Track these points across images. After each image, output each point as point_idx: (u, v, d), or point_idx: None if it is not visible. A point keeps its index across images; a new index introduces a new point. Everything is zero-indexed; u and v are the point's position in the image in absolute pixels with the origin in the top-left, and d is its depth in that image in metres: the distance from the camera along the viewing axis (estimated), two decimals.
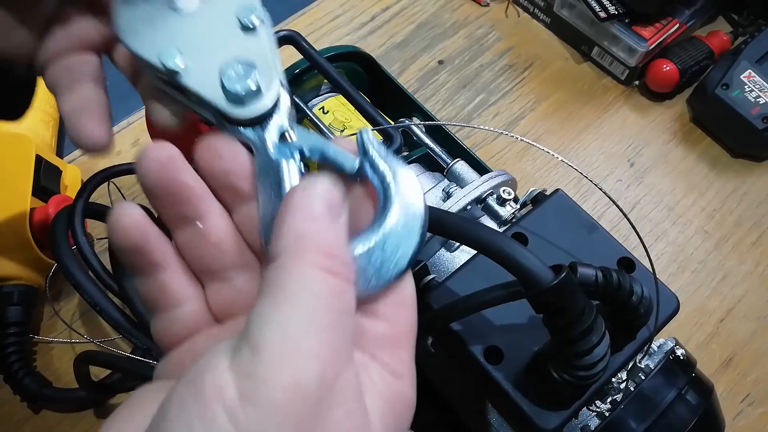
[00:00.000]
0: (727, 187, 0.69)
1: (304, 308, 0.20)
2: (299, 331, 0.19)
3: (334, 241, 0.22)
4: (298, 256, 0.21)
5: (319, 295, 0.20)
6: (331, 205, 0.22)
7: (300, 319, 0.20)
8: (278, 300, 0.20)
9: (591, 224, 0.41)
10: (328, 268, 0.21)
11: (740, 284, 0.63)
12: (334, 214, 0.22)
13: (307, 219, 0.22)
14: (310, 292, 0.20)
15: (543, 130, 0.72)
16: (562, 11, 0.75)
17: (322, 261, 0.21)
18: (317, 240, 0.21)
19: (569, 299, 0.29)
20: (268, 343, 0.19)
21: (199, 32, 0.27)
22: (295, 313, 0.20)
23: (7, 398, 0.55)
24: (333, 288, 0.21)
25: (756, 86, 0.67)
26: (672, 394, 0.39)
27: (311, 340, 0.19)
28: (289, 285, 0.20)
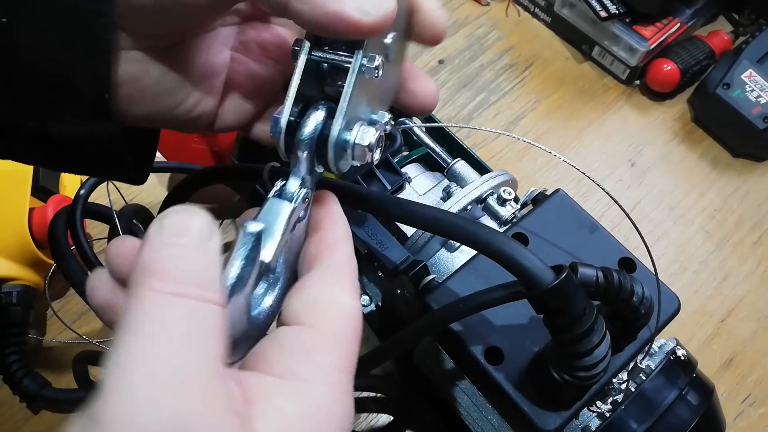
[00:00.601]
0: (728, 187, 0.69)
1: (143, 341, 0.18)
2: (138, 367, 0.18)
3: (183, 263, 0.20)
4: (140, 285, 0.19)
5: (163, 321, 0.19)
6: (190, 233, 0.21)
7: (140, 352, 0.18)
8: (121, 334, 0.18)
9: (592, 224, 0.41)
10: (171, 291, 0.19)
11: (741, 284, 0.63)
12: (195, 240, 0.21)
13: (153, 249, 0.20)
14: (152, 320, 0.19)
15: (543, 130, 0.72)
16: (563, 10, 0.75)
17: (163, 285, 0.19)
18: (160, 266, 0.20)
19: (570, 300, 0.28)
20: (107, 382, 0.17)
21: None
22: (136, 347, 0.18)
23: (6, 399, 0.55)
24: (181, 312, 0.19)
25: (757, 86, 0.67)
26: (673, 395, 0.39)
27: (152, 374, 0.18)
28: (130, 316, 0.19)
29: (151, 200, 0.65)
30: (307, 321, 0.23)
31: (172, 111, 0.29)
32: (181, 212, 0.21)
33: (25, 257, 0.55)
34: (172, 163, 0.59)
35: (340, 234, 0.26)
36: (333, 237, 0.26)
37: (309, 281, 0.25)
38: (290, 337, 0.23)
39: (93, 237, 0.62)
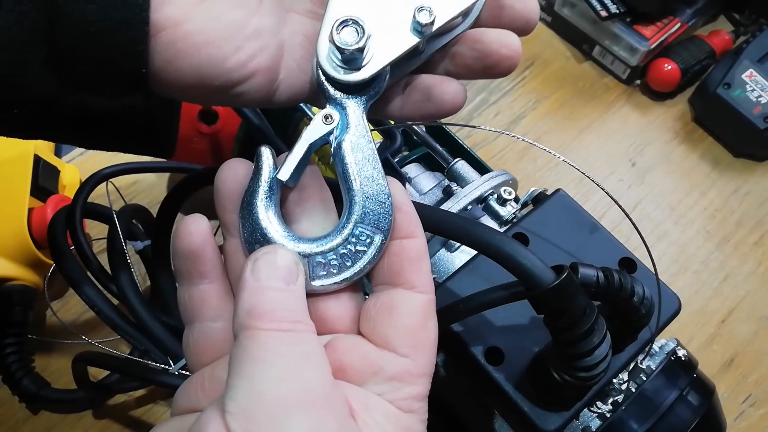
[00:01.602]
0: (728, 187, 0.69)
1: (265, 366, 0.22)
2: (267, 388, 0.21)
3: (283, 305, 0.23)
4: (250, 327, 0.23)
5: (277, 351, 0.22)
6: (279, 273, 0.24)
7: (265, 375, 0.22)
8: (242, 366, 0.22)
9: (592, 224, 0.41)
10: (279, 328, 0.23)
11: (742, 285, 0.63)
12: (285, 281, 0.24)
13: (255, 293, 0.24)
14: (268, 351, 0.22)
15: (544, 130, 0.72)
16: (563, 10, 0.75)
17: (272, 325, 0.23)
18: (265, 309, 0.23)
19: (570, 300, 0.28)
20: (243, 403, 0.21)
21: None
22: (260, 371, 0.22)
23: (5, 399, 0.55)
24: (289, 340, 0.23)
25: (758, 86, 0.67)
26: (673, 395, 0.38)
27: (280, 391, 0.21)
28: (249, 353, 0.22)
29: (151, 200, 0.65)
30: (405, 353, 0.25)
31: (220, 65, 0.25)
32: (270, 254, 0.25)
33: (25, 257, 0.55)
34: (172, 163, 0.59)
35: (423, 245, 0.27)
36: (417, 248, 0.27)
37: (403, 304, 0.26)
38: (390, 366, 0.25)
39: (92, 237, 0.62)
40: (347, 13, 0.26)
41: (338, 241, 0.26)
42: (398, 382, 0.24)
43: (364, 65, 0.27)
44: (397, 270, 0.26)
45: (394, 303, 0.26)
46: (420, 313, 0.26)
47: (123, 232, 0.47)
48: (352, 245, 0.26)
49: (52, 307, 0.59)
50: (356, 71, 0.27)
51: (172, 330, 0.45)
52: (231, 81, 0.26)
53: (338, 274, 0.26)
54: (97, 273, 0.50)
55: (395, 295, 0.26)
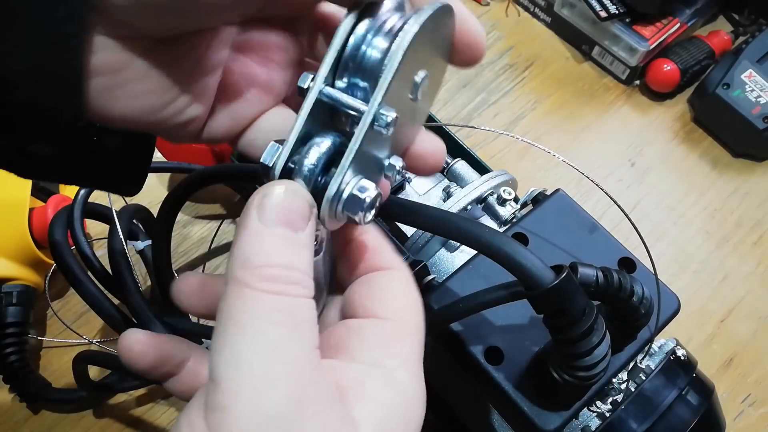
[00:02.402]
0: (728, 187, 0.69)
1: (253, 334, 0.20)
2: (253, 358, 0.20)
3: (282, 258, 0.21)
4: (240, 283, 0.21)
5: (265, 317, 0.20)
6: (287, 218, 0.22)
7: (251, 344, 0.20)
8: (228, 330, 0.20)
9: (592, 224, 0.41)
10: (271, 290, 0.21)
11: (741, 284, 0.63)
12: (292, 227, 0.22)
13: (255, 239, 0.21)
14: (255, 317, 0.20)
15: (543, 130, 0.72)
16: (563, 10, 0.75)
17: (265, 285, 0.21)
18: (261, 261, 0.21)
19: (570, 299, 0.28)
20: (225, 374, 0.20)
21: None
22: (245, 340, 0.20)
23: (5, 399, 0.55)
24: (279, 306, 0.21)
25: (757, 86, 0.67)
26: (673, 395, 0.39)
27: (266, 364, 0.20)
28: (234, 313, 0.21)
29: (151, 200, 0.65)
30: (386, 315, 0.24)
31: (157, 113, 0.25)
32: (282, 190, 0.22)
33: (25, 257, 0.55)
34: (172, 163, 0.59)
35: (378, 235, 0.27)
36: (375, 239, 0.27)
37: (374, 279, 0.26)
38: (373, 330, 0.24)
39: (93, 237, 0.62)
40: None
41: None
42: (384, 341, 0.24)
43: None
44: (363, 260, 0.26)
45: (366, 280, 0.26)
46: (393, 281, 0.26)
47: (123, 231, 0.48)
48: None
49: (53, 307, 0.59)
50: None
51: (172, 330, 0.45)
52: (166, 126, 0.25)
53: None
54: (98, 273, 0.50)
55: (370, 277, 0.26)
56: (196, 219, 0.65)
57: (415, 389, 0.23)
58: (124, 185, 0.30)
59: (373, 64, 0.24)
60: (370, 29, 0.24)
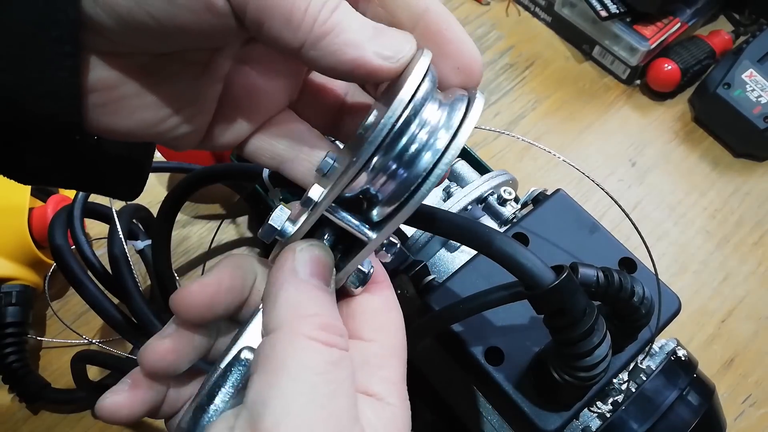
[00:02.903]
0: (728, 187, 0.69)
1: (303, 385, 0.20)
2: (301, 409, 0.20)
3: (327, 310, 0.22)
4: (293, 330, 0.21)
5: (317, 369, 0.20)
6: (322, 272, 0.23)
7: (301, 396, 0.20)
8: (278, 378, 0.20)
9: (592, 224, 0.41)
10: (324, 341, 0.21)
11: (742, 285, 0.63)
12: (325, 282, 0.23)
13: (300, 289, 0.22)
14: (308, 368, 0.20)
15: (544, 130, 0.72)
16: (563, 10, 0.75)
17: (317, 334, 0.21)
18: (312, 311, 0.21)
19: (570, 300, 0.28)
20: (271, 423, 0.19)
21: None
22: (295, 390, 0.20)
23: (5, 399, 0.55)
24: (330, 359, 0.21)
25: (757, 86, 0.67)
26: (673, 395, 0.38)
27: (314, 416, 0.20)
28: (287, 361, 0.20)
29: (151, 200, 0.65)
30: (369, 336, 0.24)
31: (154, 127, 0.25)
32: (311, 248, 0.23)
33: (25, 257, 0.55)
34: (172, 163, 0.59)
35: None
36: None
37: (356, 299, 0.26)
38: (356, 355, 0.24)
39: (93, 236, 0.62)
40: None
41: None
42: (369, 366, 0.24)
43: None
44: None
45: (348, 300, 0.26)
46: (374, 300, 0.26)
47: (123, 231, 0.47)
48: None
49: (53, 307, 0.59)
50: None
51: None
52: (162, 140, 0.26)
53: None
54: (98, 273, 0.50)
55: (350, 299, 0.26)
56: (195, 219, 0.65)
57: (403, 412, 0.24)
58: (123, 190, 0.30)
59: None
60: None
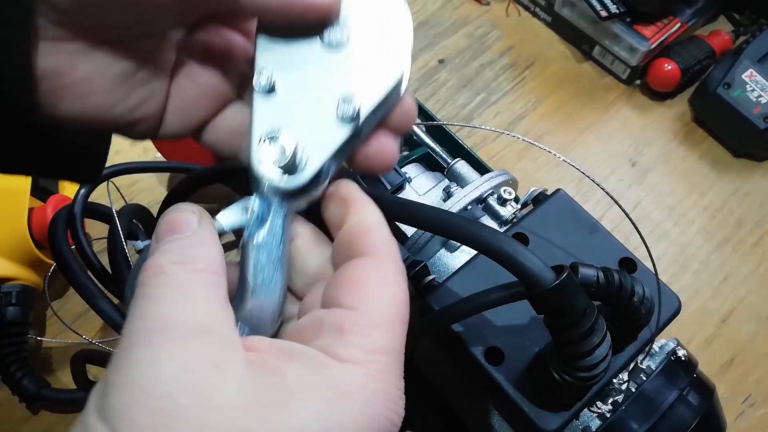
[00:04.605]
0: (728, 187, 0.69)
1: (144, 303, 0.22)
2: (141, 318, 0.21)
3: (169, 254, 0.23)
4: (137, 288, 0.23)
5: (151, 293, 0.22)
6: (173, 227, 0.25)
7: (140, 310, 0.22)
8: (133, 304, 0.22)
9: (592, 224, 0.41)
10: (157, 273, 0.23)
11: (742, 285, 0.63)
12: (180, 232, 0.24)
13: (158, 244, 0.24)
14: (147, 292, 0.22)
15: (544, 130, 0.72)
16: (563, 10, 0.75)
17: (150, 271, 0.23)
18: (152, 263, 0.23)
19: (570, 300, 0.28)
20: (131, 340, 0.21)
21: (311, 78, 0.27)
22: (131, 319, 0.21)
23: (5, 399, 0.55)
24: (163, 282, 0.22)
25: (758, 86, 0.67)
26: (673, 395, 0.38)
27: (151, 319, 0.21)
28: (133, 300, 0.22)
29: (151, 200, 0.65)
30: (352, 304, 0.23)
31: (106, 112, 0.26)
32: (165, 213, 0.25)
33: (25, 257, 0.55)
34: (172, 163, 0.59)
35: (372, 218, 0.26)
36: (366, 222, 0.26)
37: (348, 267, 0.25)
38: (330, 318, 0.23)
39: (93, 237, 0.62)
40: (273, 119, 0.26)
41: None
42: (341, 333, 0.22)
43: (297, 172, 0.26)
44: (350, 245, 0.26)
45: (344, 268, 0.25)
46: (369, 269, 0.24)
47: (123, 231, 0.47)
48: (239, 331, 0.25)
49: (53, 307, 0.59)
50: (288, 177, 0.26)
51: None
52: (118, 124, 0.27)
53: None
54: (98, 272, 0.50)
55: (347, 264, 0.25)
56: None
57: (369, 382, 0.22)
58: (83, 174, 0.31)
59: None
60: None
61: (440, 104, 0.73)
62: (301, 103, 0.27)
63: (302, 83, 0.27)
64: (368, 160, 0.28)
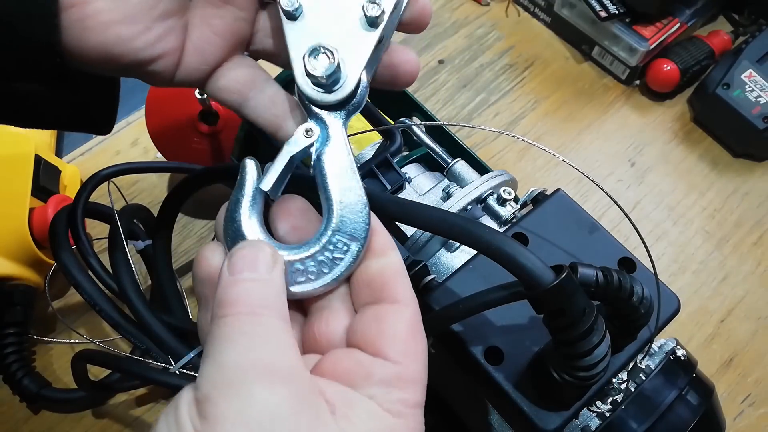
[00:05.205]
0: (727, 187, 0.69)
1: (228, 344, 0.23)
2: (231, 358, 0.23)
3: (251, 294, 0.24)
4: (216, 318, 0.24)
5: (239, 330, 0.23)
6: (253, 266, 0.25)
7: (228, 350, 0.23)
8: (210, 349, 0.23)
9: (592, 224, 0.41)
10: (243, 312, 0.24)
11: (741, 284, 0.63)
12: (259, 272, 0.25)
13: (227, 287, 0.25)
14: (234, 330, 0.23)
15: (543, 130, 0.72)
16: (563, 10, 0.75)
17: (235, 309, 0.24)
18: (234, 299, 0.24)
19: (570, 300, 0.28)
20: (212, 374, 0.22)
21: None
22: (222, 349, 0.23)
23: (6, 398, 0.55)
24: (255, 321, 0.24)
25: (757, 86, 0.67)
26: (673, 395, 0.39)
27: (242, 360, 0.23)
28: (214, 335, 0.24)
29: (152, 200, 0.65)
30: (394, 357, 0.25)
31: (127, 44, 0.27)
32: (244, 248, 0.26)
33: (26, 257, 0.55)
34: (172, 163, 0.59)
35: (398, 261, 0.28)
36: (393, 266, 0.27)
37: (389, 315, 0.26)
38: (379, 371, 0.25)
39: (93, 236, 0.62)
40: (306, 39, 0.28)
41: (317, 249, 0.27)
42: (388, 386, 0.24)
43: (342, 84, 0.28)
44: (378, 287, 0.27)
45: (379, 315, 0.26)
46: (406, 322, 0.26)
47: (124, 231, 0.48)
48: (330, 252, 0.27)
49: (53, 307, 0.59)
50: (335, 91, 0.28)
51: (172, 329, 0.45)
52: (139, 60, 0.27)
53: (316, 280, 0.27)
54: (98, 272, 0.50)
55: (380, 309, 0.26)
56: (195, 219, 0.65)
57: (410, 428, 0.24)
58: (101, 123, 0.32)
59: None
60: None
61: (440, 104, 0.73)
62: (328, 17, 0.28)
63: (325, 1, 0.29)
64: (395, 70, 0.30)
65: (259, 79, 0.31)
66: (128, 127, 0.70)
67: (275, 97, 0.31)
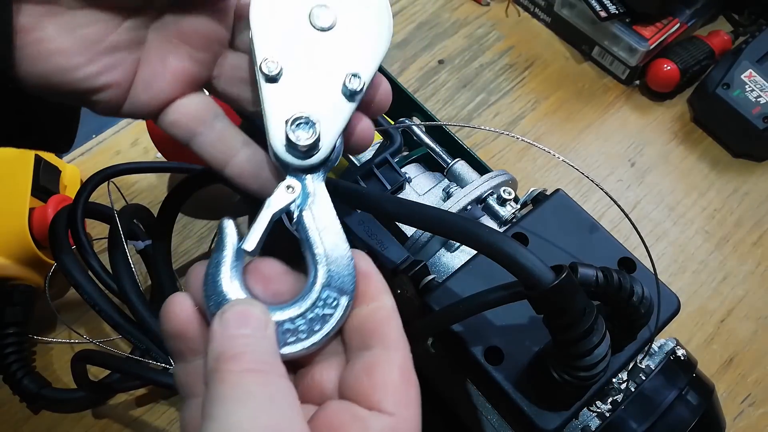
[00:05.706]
0: (727, 188, 0.69)
1: (236, 403, 0.22)
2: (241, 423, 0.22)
3: (253, 349, 0.24)
4: (215, 372, 0.23)
5: (246, 389, 0.23)
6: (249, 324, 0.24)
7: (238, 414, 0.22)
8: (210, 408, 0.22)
9: (591, 224, 0.41)
10: (249, 369, 0.23)
11: (741, 284, 0.63)
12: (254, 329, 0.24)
13: (223, 340, 0.24)
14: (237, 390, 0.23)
15: (543, 130, 0.72)
16: (563, 10, 0.75)
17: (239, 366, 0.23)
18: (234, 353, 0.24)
19: (570, 300, 0.28)
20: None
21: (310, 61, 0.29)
22: (231, 411, 0.22)
23: (6, 398, 0.55)
24: (259, 380, 0.23)
25: (757, 86, 0.67)
26: (673, 395, 0.39)
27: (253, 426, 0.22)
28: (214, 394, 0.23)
29: (152, 200, 0.65)
30: (389, 409, 0.25)
31: (66, 74, 0.26)
32: (241, 305, 0.25)
33: (26, 257, 0.55)
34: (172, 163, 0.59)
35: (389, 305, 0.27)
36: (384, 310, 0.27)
37: (380, 363, 0.26)
38: (376, 425, 0.24)
39: (93, 236, 0.62)
40: (285, 104, 0.28)
41: (307, 306, 0.27)
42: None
43: (318, 150, 0.29)
44: (369, 333, 0.26)
45: (371, 363, 0.26)
46: (398, 369, 0.26)
47: (124, 231, 0.48)
48: (320, 308, 0.27)
49: (53, 307, 0.59)
50: (311, 157, 0.29)
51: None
52: (79, 90, 0.27)
53: (307, 338, 0.26)
54: (98, 272, 0.50)
55: (371, 357, 0.26)
56: (195, 219, 0.65)
57: None
58: (53, 144, 0.32)
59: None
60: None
61: (440, 104, 0.73)
62: (307, 84, 0.29)
63: (305, 66, 0.29)
64: (355, 139, 0.31)
65: (210, 116, 0.31)
66: (128, 127, 0.70)
67: (223, 134, 0.31)
